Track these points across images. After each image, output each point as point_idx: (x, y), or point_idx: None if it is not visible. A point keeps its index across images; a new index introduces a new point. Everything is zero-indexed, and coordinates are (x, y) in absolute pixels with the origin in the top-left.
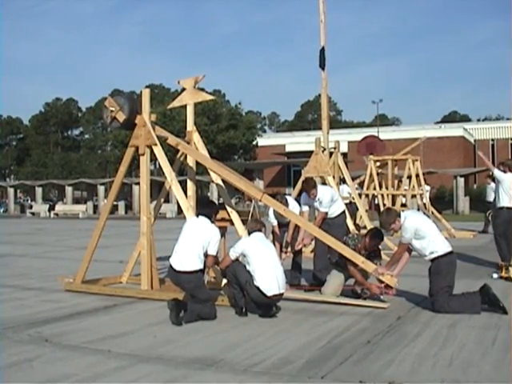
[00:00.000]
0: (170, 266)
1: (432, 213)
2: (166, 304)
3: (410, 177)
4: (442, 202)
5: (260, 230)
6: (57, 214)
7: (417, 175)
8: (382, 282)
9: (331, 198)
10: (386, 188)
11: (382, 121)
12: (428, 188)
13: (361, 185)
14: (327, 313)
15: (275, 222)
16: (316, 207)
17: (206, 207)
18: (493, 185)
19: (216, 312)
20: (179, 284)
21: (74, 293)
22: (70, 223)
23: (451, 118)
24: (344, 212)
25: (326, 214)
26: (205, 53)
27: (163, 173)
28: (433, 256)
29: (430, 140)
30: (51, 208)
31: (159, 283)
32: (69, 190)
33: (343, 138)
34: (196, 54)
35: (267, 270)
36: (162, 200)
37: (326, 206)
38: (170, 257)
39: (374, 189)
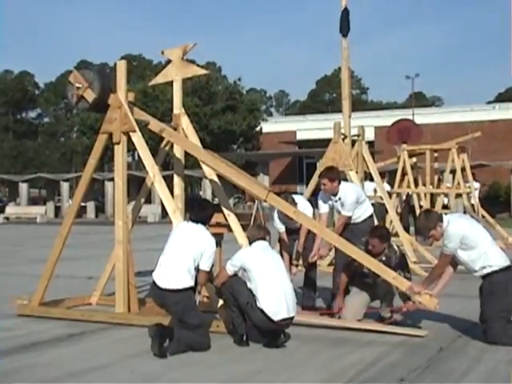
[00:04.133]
0: (153, 282)
1: (483, 217)
2: (147, 331)
3: (453, 171)
4: (495, 204)
5: (264, 238)
6: (7, 218)
7: (463, 169)
8: (405, 299)
9: (356, 199)
10: (424, 185)
11: (419, 101)
12: (477, 185)
13: (391, 181)
14: (349, 342)
15: (283, 228)
16: (336, 209)
17: (197, 210)
18: None
19: (209, 341)
20: (164, 305)
21: (29, 318)
22: (24, 230)
23: (508, 95)
24: (372, 216)
25: (350, 218)
26: (196, 16)
27: (144, 166)
28: (485, 272)
29: (481, 124)
30: (0, 211)
31: (138, 305)
32: (23, 187)
33: (369, 123)
34: (185, 18)
35: (273, 289)
36: (143, 200)
37: (350, 208)
38: (152, 271)
39: (408, 186)
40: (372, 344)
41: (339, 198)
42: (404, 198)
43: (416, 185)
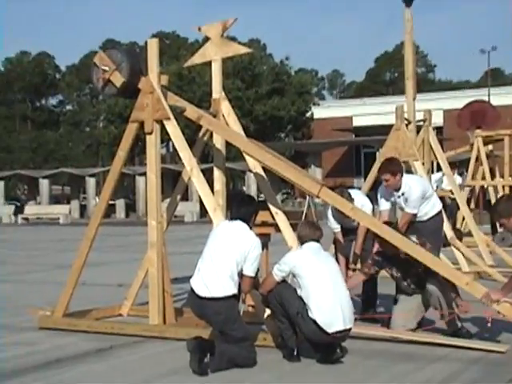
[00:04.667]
0: (191, 290)
1: None
2: (186, 345)
3: None
4: None
5: (317, 240)
6: (27, 219)
7: None
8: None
9: (422, 194)
10: (502, 177)
11: (496, 79)
12: None
13: (463, 173)
14: (416, 358)
15: (338, 228)
16: (399, 205)
17: (241, 207)
18: None
19: (255, 356)
20: (204, 316)
21: (52, 331)
22: (46, 232)
23: None
24: (440, 213)
25: (415, 215)
26: None
27: (180, 159)
28: None
29: None
30: (18, 210)
31: (175, 315)
32: (44, 183)
33: (437, 106)
34: None
35: (327, 297)
36: (179, 197)
37: (415, 204)
38: (190, 278)
39: (483, 178)
40: (443, 360)
41: (402, 194)
42: (478, 192)
43: (493, 176)
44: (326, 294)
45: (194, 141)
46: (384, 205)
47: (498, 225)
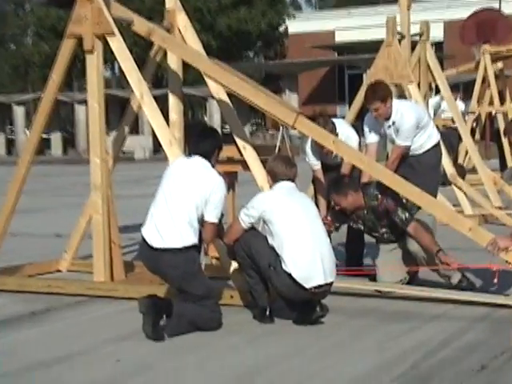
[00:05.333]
0: (143, 240)
1: None
2: (137, 305)
3: None
4: None
5: (292, 178)
6: None
7: None
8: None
9: (417, 122)
10: None
11: None
12: None
13: (467, 97)
14: (411, 316)
15: (318, 165)
16: (390, 137)
17: (201, 141)
18: None
19: (220, 317)
20: (158, 270)
21: None
22: None
23: None
24: (438, 145)
25: (408, 148)
26: None
27: (127, 83)
28: None
29: None
30: None
31: (124, 271)
32: None
33: (436, 17)
34: None
35: (304, 246)
36: (127, 130)
37: (408, 135)
38: (142, 226)
39: (491, 104)
40: (442, 318)
41: (393, 123)
42: (484, 119)
43: (502, 101)
44: (303, 242)
45: (144, 61)
46: (371, 137)
47: (508, 158)
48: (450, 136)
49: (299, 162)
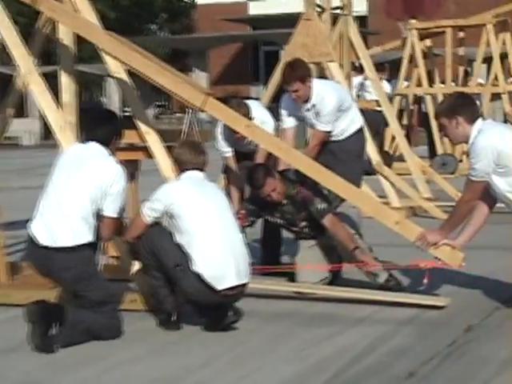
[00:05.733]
0: (31, 238)
1: None
2: (24, 312)
3: (488, 60)
4: None
5: (201, 167)
6: None
7: (503, 56)
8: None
9: (338, 105)
10: (443, 83)
11: None
12: None
13: (393, 78)
14: (334, 319)
15: (230, 152)
16: (309, 121)
17: (98, 125)
18: None
19: (120, 324)
20: (49, 272)
21: None
22: None
23: None
24: (362, 130)
25: (329, 133)
26: None
27: (10, 59)
28: None
29: None
30: None
31: (9, 273)
32: None
33: None
34: None
35: (215, 243)
36: (12, 112)
37: (329, 119)
38: (29, 222)
39: (419, 85)
40: (367, 322)
41: (313, 106)
42: (412, 102)
43: (431, 82)
44: (213, 239)
45: (31, 34)
46: (289, 121)
47: (437, 145)
48: (374, 120)
49: (209, 148)
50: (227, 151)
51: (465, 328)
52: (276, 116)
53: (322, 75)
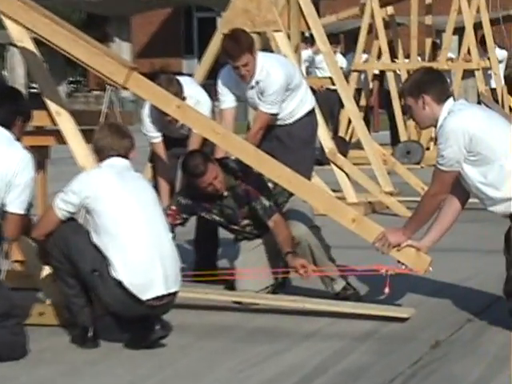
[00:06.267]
0: None
1: (510, 109)
2: None
3: (460, 30)
4: None
5: (124, 155)
6: None
7: (477, 26)
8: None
9: (286, 83)
10: (407, 57)
11: None
12: (503, 55)
13: (349, 51)
14: (278, 334)
15: (159, 137)
16: (251, 102)
17: None
18: None
19: (25, 341)
20: None
21: None
22: None
23: None
24: (313, 112)
25: (275, 116)
26: None
27: None
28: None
29: None
30: None
31: None
32: None
33: None
34: None
35: (139, 244)
36: None
37: (275, 99)
38: None
39: (379, 58)
40: (319, 336)
41: (257, 83)
42: (372, 80)
43: (393, 57)
44: (137, 240)
45: None
46: (228, 101)
47: (401, 130)
48: (328, 100)
49: (134, 133)
50: (155, 136)
51: (432, 344)
52: (212, 95)
53: (267, 47)
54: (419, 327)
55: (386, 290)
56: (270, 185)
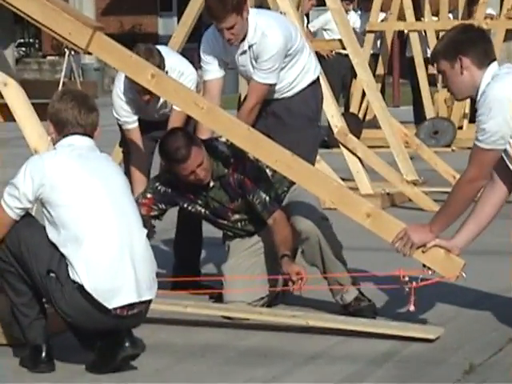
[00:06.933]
0: None
1: None
2: None
3: None
4: None
5: (89, 133)
6: None
7: None
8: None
9: (285, 47)
10: (435, 15)
11: None
12: None
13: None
14: (275, 356)
15: (134, 123)
16: (243, 70)
17: None
18: None
19: None
20: None
21: None
22: None
23: None
24: (317, 83)
25: (272, 87)
26: None
27: None
28: None
29: None
30: None
31: None
32: None
33: None
34: None
35: (106, 243)
36: None
37: (273, 67)
38: None
39: (401, 18)
40: (324, 359)
41: (250, 47)
42: (391, 43)
43: (418, 14)
44: (104, 236)
45: None
46: (213, 70)
47: (426, 104)
48: (337, 68)
49: (100, 108)
50: (130, 122)
51: (465, 369)
52: (196, 66)
53: (262, 4)
54: (449, 348)
55: (411, 308)
56: (268, 172)
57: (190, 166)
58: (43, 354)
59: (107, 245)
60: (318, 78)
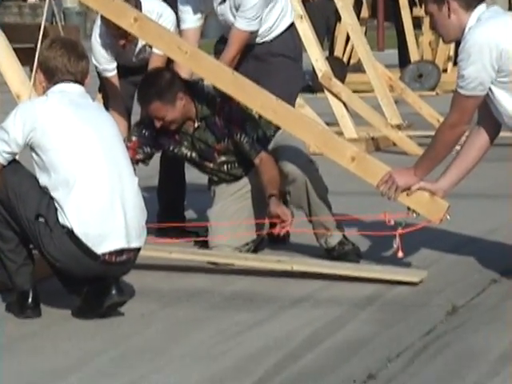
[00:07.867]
0: None
1: None
2: None
3: None
4: None
5: (80, 80)
6: None
7: None
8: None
9: None
10: None
11: None
12: None
13: None
14: (259, 301)
15: (113, 70)
16: (224, 17)
17: None
18: None
19: None
20: None
21: None
22: None
23: None
24: (293, 26)
25: (253, 34)
26: None
27: None
28: None
29: None
30: None
31: None
32: None
33: None
34: None
35: (97, 187)
36: None
37: (255, 13)
38: None
39: None
40: (308, 303)
41: None
42: None
43: None
44: (94, 180)
45: None
46: (188, 19)
47: (411, 47)
48: (322, 11)
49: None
50: (109, 69)
51: (447, 310)
52: (175, 9)
53: None
54: (432, 290)
55: (400, 255)
56: (255, 115)
57: (150, 113)
58: (30, 300)
59: (98, 190)
60: (293, 23)
